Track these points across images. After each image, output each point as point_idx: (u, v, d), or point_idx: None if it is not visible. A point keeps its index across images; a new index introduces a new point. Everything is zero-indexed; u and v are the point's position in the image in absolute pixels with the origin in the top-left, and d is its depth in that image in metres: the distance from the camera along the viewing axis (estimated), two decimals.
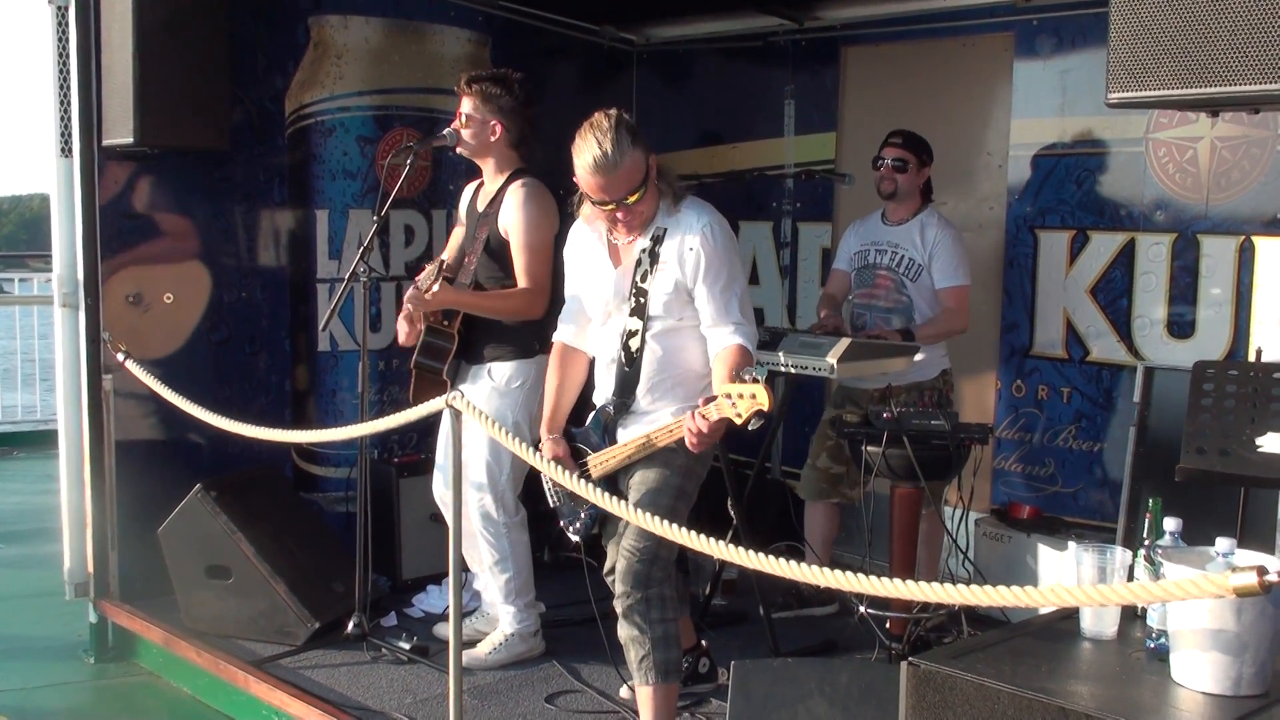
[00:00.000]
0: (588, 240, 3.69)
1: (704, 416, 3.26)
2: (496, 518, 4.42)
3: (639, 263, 3.54)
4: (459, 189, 4.85)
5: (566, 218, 4.44)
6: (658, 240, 3.52)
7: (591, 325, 3.72)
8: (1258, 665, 2.40)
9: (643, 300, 3.53)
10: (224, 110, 5.01)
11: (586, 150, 3.40)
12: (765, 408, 3.16)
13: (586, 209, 3.62)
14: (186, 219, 5.20)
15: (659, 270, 3.50)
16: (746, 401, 3.17)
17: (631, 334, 3.55)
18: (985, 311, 5.22)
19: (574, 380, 3.80)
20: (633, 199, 3.43)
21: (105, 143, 4.87)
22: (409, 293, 4.32)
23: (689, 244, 3.46)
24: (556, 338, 3.83)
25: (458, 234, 4.68)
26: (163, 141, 4.80)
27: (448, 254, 4.66)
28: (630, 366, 3.56)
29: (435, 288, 4.27)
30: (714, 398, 3.25)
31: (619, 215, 3.47)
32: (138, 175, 5.04)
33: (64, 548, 5.10)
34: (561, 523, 3.82)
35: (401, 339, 4.45)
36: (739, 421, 3.20)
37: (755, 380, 3.16)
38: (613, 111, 3.47)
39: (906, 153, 4.79)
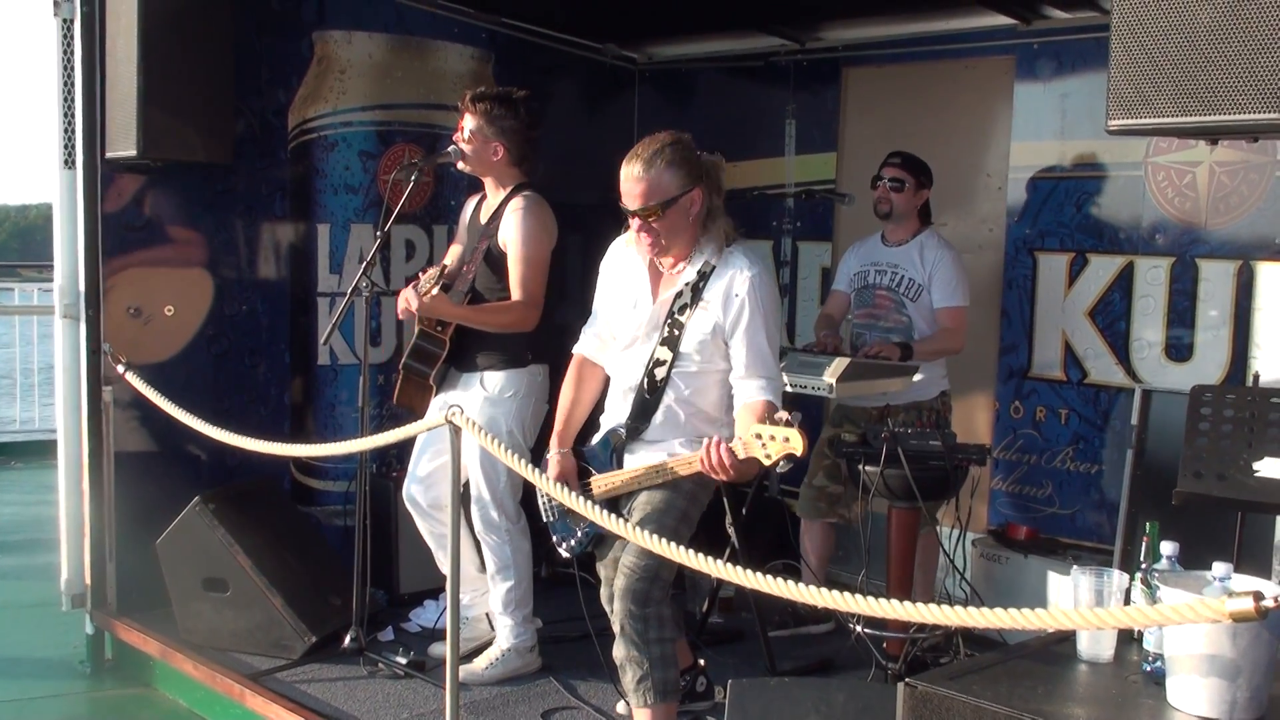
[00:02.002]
0: (631, 263, 3.67)
1: (729, 451, 3.27)
2: (499, 523, 4.43)
3: (679, 294, 3.54)
4: (460, 204, 4.86)
5: (573, 232, 4.47)
6: (704, 276, 3.52)
7: (614, 347, 3.72)
8: (1252, 690, 2.41)
9: (677, 333, 3.53)
10: (227, 124, 5.03)
11: (630, 153, 3.46)
12: (798, 452, 3.17)
13: (631, 234, 3.61)
14: (188, 231, 5.21)
15: (700, 308, 3.51)
16: (778, 444, 3.18)
17: (659, 363, 3.55)
18: (984, 333, 5.24)
19: (589, 395, 3.80)
20: (649, 214, 3.43)
21: (108, 155, 4.88)
22: (406, 290, 4.31)
23: (736, 290, 3.47)
24: (577, 350, 3.82)
25: (456, 248, 4.70)
26: (166, 154, 4.81)
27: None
28: (651, 395, 3.57)
29: (434, 291, 4.28)
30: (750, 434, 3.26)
31: (638, 228, 3.47)
32: (140, 188, 5.05)
33: (61, 559, 5.09)
34: (554, 539, 3.81)
35: (400, 311, 4.44)
36: (767, 463, 3.21)
37: (789, 424, 3.16)
38: (680, 134, 3.51)
39: (903, 172, 4.82)
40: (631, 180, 3.43)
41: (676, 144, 3.48)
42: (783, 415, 3.18)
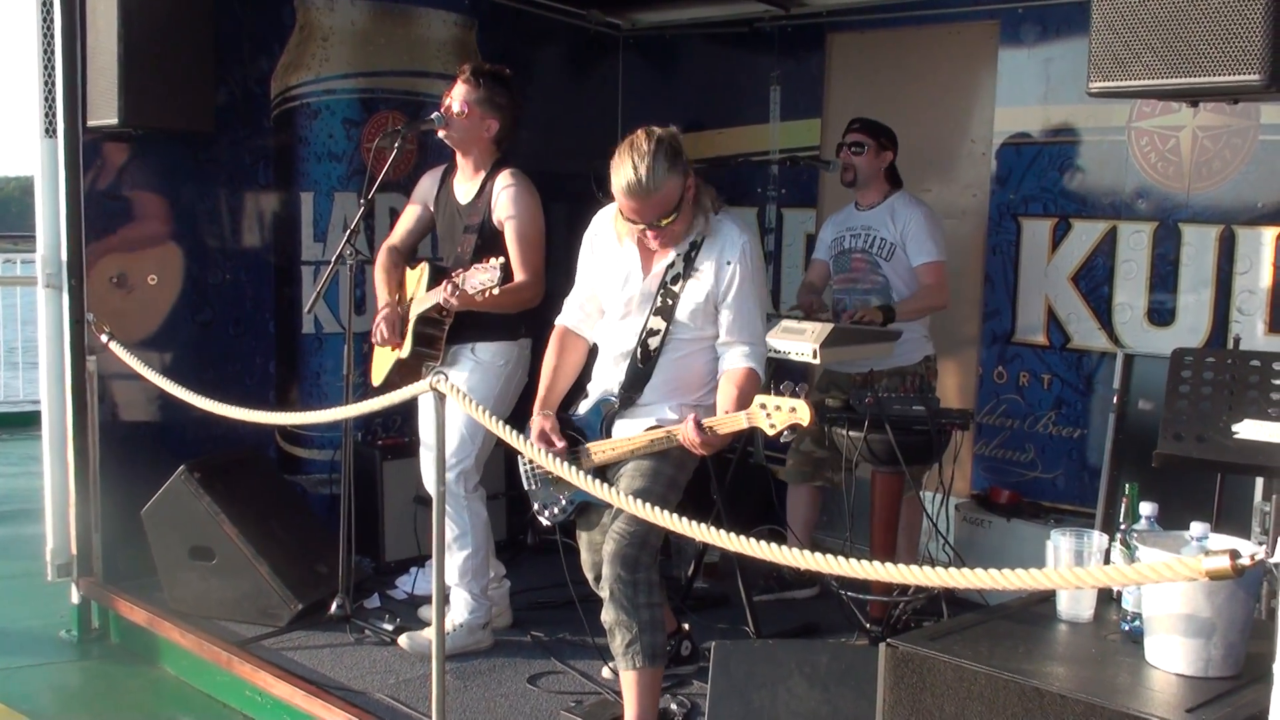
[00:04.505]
0: (619, 237, 3.65)
1: (696, 427, 3.29)
2: (457, 490, 4.39)
3: (671, 264, 3.54)
4: None
5: (558, 200, 4.44)
6: (695, 246, 3.53)
7: (606, 318, 3.72)
8: (1226, 648, 2.44)
9: (671, 303, 3.54)
10: (209, 92, 5.01)
11: (623, 171, 3.36)
12: (805, 423, 3.18)
13: (615, 209, 3.57)
14: (171, 201, 5.19)
15: (693, 278, 3.52)
16: (784, 414, 3.19)
17: (653, 333, 3.57)
18: (967, 298, 5.25)
19: (571, 364, 3.80)
20: (665, 221, 3.41)
21: (90, 124, 4.85)
22: (452, 289, 4.03)
23: (727, 258, 3.49)
24: (560, 320, 3.82)
25: (412, 212, 4.65)
26: (147, 123, 4.80)
27: (397, 237, 4.64)
28: (645, 364, 3.58)
29: (495, 292, 3.98)
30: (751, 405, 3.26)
31: (651, 234, 3.46)
32: (122, 156, 5.03)
33: (47, 529, 5.09)
34: (535, 507, 3.81)
35: (384, 338, 4.43)
36: (771, 433, 3.23)
37: (796, 394, 3.17)
38: (656, 130, 3.41)
39: (862, 135, 4.85)
40: (637, 200, 3.36)
41: (661, 142, 3.37)
42: (789, 385, 3.20)
